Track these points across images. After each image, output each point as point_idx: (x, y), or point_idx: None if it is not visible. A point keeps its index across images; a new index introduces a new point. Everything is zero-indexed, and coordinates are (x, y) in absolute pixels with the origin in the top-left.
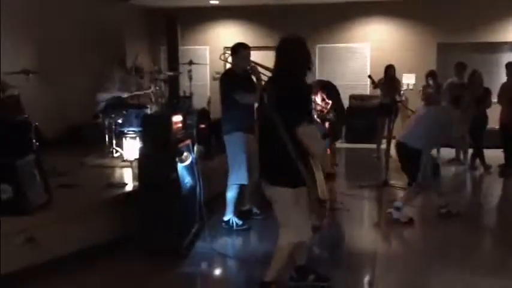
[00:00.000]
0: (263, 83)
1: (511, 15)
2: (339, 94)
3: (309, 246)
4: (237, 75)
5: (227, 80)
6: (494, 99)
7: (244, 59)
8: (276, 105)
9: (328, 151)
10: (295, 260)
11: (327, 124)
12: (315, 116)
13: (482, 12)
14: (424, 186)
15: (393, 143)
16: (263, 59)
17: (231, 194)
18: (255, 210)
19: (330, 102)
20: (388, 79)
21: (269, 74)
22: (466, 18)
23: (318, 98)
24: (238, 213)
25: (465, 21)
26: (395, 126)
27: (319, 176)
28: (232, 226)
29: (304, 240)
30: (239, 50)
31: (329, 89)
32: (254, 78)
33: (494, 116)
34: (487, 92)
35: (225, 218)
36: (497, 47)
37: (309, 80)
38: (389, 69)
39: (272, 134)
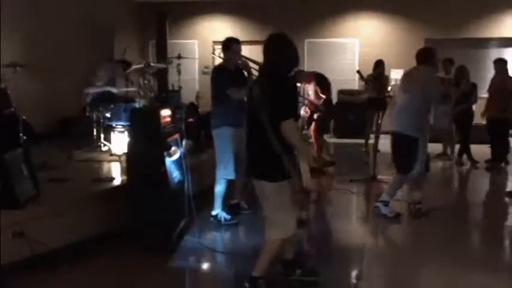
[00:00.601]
0: (254, 77)
1: (497, 12)
2: (330, 89)
3: (297, 240)
4: (229, 70)
5: (220, 75)
6: (482, 94)
7: (236, 53)
8: (264, 100)
9: (316, 146)
10: (284, 254)
11: (315, 116)
12: (305, 108)
13: (470, 9)
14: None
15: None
16: (251, 53)
17: (219, 188)
18: (243, 204)
19: (324, 97)
20: (378, 74)
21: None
22: (453, 15)
23: (311, 90)
24: (226, 207)
25: (452, 18)
26: (384, 121)
27: (304, 167)
28: (221, 221)
29: (291, 236)
30: (231, 45)
31: (323, 83)
32: (245, 73)
33: (480, 111)
34: (474, 88)
35: (213, 213)
36: (484, 43)
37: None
38: (379, 65)
39: (258, 128)
